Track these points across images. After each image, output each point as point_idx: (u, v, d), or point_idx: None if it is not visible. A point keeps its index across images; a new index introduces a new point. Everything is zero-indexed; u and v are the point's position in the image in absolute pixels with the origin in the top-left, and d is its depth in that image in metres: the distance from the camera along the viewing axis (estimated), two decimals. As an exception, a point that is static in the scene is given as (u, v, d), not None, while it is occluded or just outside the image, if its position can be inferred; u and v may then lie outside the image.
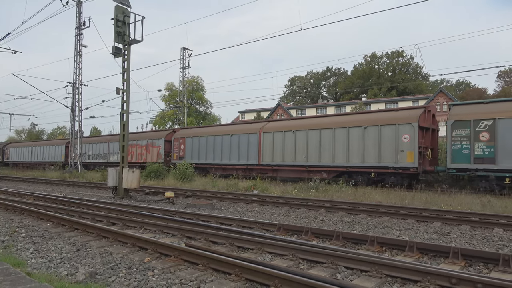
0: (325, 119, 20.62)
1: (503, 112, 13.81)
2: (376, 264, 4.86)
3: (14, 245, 6.48)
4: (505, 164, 13.45)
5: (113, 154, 31.97)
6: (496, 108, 14.30)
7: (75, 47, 31.22)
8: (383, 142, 16.52)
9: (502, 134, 13.67)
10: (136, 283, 4.54)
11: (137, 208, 10.75)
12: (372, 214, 10.06)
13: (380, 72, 72.17)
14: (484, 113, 14.22)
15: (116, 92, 15.01)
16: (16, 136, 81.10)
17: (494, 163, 13.71)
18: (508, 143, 13.51)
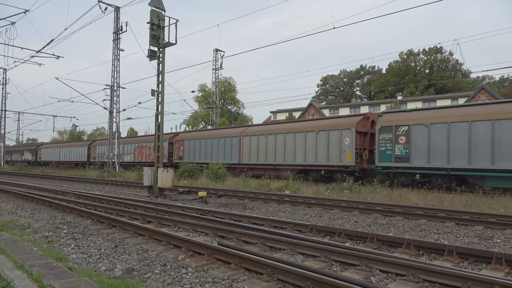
0: (289, 124, 23.75)
1: (415, 119, 16.52)
2: (412, 268, 4.70)
3: (57, 241, 6.82)
4: (416, 162, 16.21)
5: (127, 155, 35.71)
6: (411, 116, 16.94)
7: (113, 51, 32.42)
8: (331, 145, 19.48)
9: (414, 137, 16.34)
10: (170, 280, 4.65)
11: (171, 207, 11.01)
12: (408, 216, 9.74)
13: (417, 69, 69.77)
14: (402, 120, 16.91)
15: (152, 94, 15.44)
16: (59, 136, 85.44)
17: (408, 162, 16.46)
18: (419, 145, 16.17)
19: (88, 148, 41.82)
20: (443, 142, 15.46)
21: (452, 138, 15.28)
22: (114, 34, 32.09)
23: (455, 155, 15.15)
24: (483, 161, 14.43)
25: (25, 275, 4.17)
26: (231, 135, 25.38)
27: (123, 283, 4.13)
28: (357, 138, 18.40)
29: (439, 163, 15.55)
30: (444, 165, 15.35)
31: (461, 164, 14.94)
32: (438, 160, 15.57)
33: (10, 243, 5.85)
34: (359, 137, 18.60)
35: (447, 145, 15.32)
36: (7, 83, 48.21)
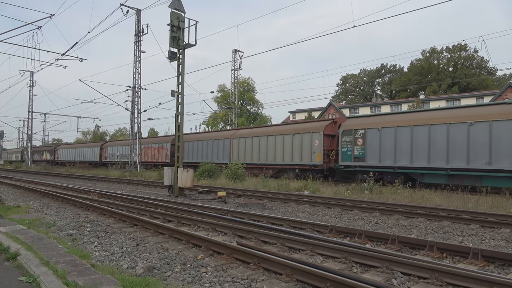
0: (269, 128, 26.69)
1: (370, 124, 18.69)
2: (435, 271, 4.59)
3: (80, 239, 7.00)
4: (370, 162, 18.27)
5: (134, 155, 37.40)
6: (367, 121, 19.20)
7: (134, 53, 33.03)
8: (303, 146, 21.59)
9: (369, 140, 18.37)
10: (190, 279, 4.70)
11: (191, 207, 11.12)
12: (431, 218, 9.52)
13: (440, 67, 68.08)
14: (360, 124, 19.02)
15: (172, 95, 15.64)
16: (82, 137, 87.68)
17: (364, 161, 18.49)
18: (372, 147, 18.20)
19: (100, 149, 44.50)
20: (391, 144, 17.46)
21: (398, 140, 17.22)
22: (135, 36, 32.69)
23: (401, 156, 17.10)
24: (422, 161, 16.35)
25: (50, 271, 4.30)
26: (222, 138, 27.86)
27: (144, 281, 4.19)
28: (325, 140, 20.69)
29: (388, 162, 17.61)
30: (392, 164, 17.42)
31: (405, 163, 16.95)
32: (388, 160, 17.62)
33: (36, 240, 6.04)
34: (327, 140, 20.88)
35: (394, 147, 17.35)
36: (34, 86, 49.81)
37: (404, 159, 16.98)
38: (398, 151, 17.20)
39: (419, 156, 16.45)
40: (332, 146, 20.97)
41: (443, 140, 15.64)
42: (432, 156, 16.03)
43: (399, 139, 17.14)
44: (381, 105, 59.32)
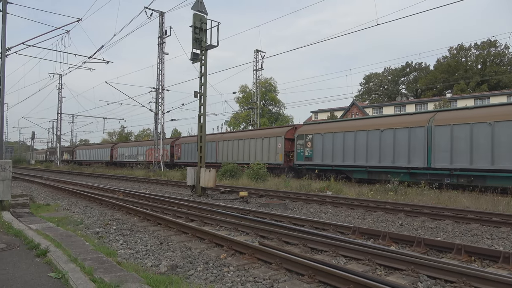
0: (243, 133, 31.40)
1: (316, 130, 22.53)
2: (463, 274, 4.45)
3: (107, 236, 7.18)
4: (316, 161, 22.07)
5: (140, 155, 42.54)
6: (315, 127, 23.21)
7: (158, 55, 33.62)
8: (270, 148, 25.79)
9: (315, 143, 22.17)
10: (212, 278, 4.74)
11: (214, 206, 11.21)
12: (459, 220, 9.23)
13: (468, 65, 65.95)
14: (310, 130, 23.04)
15: (194, 96, 15.81)
16: (108, 137, 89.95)
17: (311, 161, 22.33)
18: (317, 149, 21.98)
19: (111, 150, 49.65)
20: (330, 146, 21.22)
21: (335, 144, 21.01)
22: (159, 39, 33.27)
23: (336, 156, 20.93)
24: (350, 160, 20.14)
25: (78, 268, 4.44)
26: (210, 141, 31.85)
27: (167, 279, 4.26)
28: (286, 143, 24.83)
29: (327, 161, 21.38)
30: (330, 163, 21.25)
31: (339, 162, 20.76)
32: (327, 159, 21.40)
33: (65, 238, 6.24)
34: (288, 143, 24.87)
35: (332, 149, 21.13)
36: (62, 88, 51.48)
37: (338, 159, 20.85)
38: (334, 152, 21.04)
39: (348, 157, 20.26)
40: (291, 148, 24.69)
41: (363, 144, 19.45)
42: (357, 156, 19.77)
43: (335, 142, 21.02)
44: (406, 104, 57.93)
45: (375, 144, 18.79)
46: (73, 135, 71.66)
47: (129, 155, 45.01)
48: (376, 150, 18.74)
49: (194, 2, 15.32)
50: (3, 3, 14.73)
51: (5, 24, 14.70)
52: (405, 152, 17.50)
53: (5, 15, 14.61)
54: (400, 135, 17.80)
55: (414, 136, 17.25)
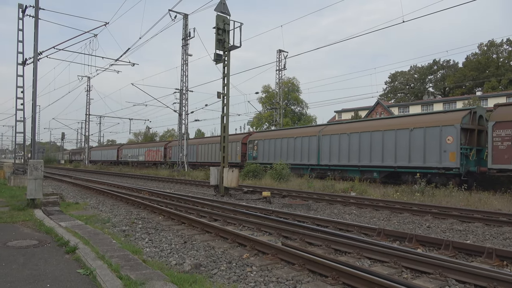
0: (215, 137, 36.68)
1: (261, 137, 29.17)
2: (495, 279, 4.28)
3: (132, 235, 7.34)
4: (259, 160, 27.83)
5: (140, 156, 48.79)
6: (260, 135, 30.13)
7: (182, 56, 34.09)
8: (232, 150, 31.48)
9: (259, 147, 28.64)
10: (235, 277, 4.76)
11: (237, 206, 11.27)
12: (489, 223, 8.90)
13: (500, 61, 63.44)
14: (256, 137, 29.70)
15: (218, 96, 15.95)
16: (134, 138, 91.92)
17: (257, 160, 28.21)
18: (260, 151, 28.42)
19: (117, 151, 56.35)
20: (267, 149, 27.65)
21: (276, 147, 26.96)
22: (183, 41, 33.72)
23: (273, 156, 26.93)
24: (290, 159, 24.97)
25: (105, 265, 4.56)
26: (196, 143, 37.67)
27: (191, 278, 4.31)
28: (243, 146, 31.05)
29: (266, 160, 27.39)
30: (267, 161, 26.98)
31: (273, 160, 25.82)
32: (266, 159, 27.53)
33: (93, 235, 6.42)
34: (244, 146, 31.03)
35: (268, 151, 27.66)
36: (90, 90, 53.07)
37: (273, 159, 26.53)
38: (270, 153, 27.45)
39: (279, 157, 26.07)
40: (244, 150, 31.23)
41: (291, 147, 25.44)
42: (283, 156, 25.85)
43: (272, 146, 27.41)
44: (433, 103, 56.31)
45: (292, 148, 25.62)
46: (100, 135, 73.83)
47: (131, 155, 51.58)
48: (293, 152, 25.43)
49: (217, 4, 15.45)
50: (35, 10, 15.32)
51: (37, 29, 15.29)
52: (306, 153, 24.18)
53: (37, 21, 15.20)
54: (306, 142, 24.29)
55: (312, 142, 23.68)
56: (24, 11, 18.15)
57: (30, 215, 8.60)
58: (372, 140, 19.57)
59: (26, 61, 18.74)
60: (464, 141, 16.12)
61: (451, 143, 16.16)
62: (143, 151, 48.15)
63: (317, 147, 22.97)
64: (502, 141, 14.73)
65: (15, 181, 17.34)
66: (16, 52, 18.26)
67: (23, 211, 9.33)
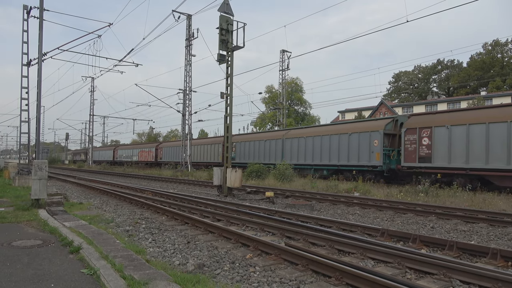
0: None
1: (238, 140, 31.94)
2: (499, 280, 4.26)
3: (136, 235, 7.36)
4: (238, 160, 30.50)
5: (134, 156, 52.64)
6: (237, 138, 32.56)
7: (185, 57, 34.14)
8: (215, 151, 34.84)
9: (237, 148, 31.64)
10: (239, 278, 4.76)
11: (240, 206, 11.27)
12: (494, 224, 8.85)
13: (505, 61, 63.09)
14: (235, 140, 31.25)
15: (221, 97, 15.96)
16: (138, 138, 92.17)
17: (234, 160, 30.00)
18: (238, 152, 31.44)
19: (113, 151, 60.16)
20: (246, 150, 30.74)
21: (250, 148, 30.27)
22: (186, 41, 33.78)
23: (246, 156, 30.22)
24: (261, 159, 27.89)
25: (109, 265, 4.57)
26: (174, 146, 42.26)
27: (195, 278, 4.32)
28: (222, 148, 31.45)
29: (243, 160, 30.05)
30: (247, 161, 28.89)
31: (249, 160, 28.63)
32: (243, 159, 30.45)
33: (96, 235, 6.45)
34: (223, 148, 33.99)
35: (248, 152, 30.58)
36: (94, 91, 53.29)
37: (247, 159, 29.45)
38: (246, 154, 30.56)
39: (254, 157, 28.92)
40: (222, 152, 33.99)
41: (262, 149, 28.54)
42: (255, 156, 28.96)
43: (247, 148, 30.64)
44: (438, 103, 56.08)
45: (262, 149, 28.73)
46: (104, 136, 74.12)
47: (126, 156, 55.31)
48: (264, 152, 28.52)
49: (220, 4, 15.47)
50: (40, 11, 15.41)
51: (42, 30, 15.39)
52: (273, 154, 27.49)
53: (42, 22, 15.29)
54: (273, 144, 27.70)
55: (278, 144, 27.21)
56: (28, 12, 18.26)
57: (34, 215, 8.65)
58: (322, 143, 23.17)
59: (31, 62, 18.85)
60: (387, 144, 19.64)
61: (377, 146, 19.62)
62: (136, 152, 52.22)
63: (281, 149, 26.83)
64: (411, 144, 18.11)
65: (20, 181, 17.44)
66: (21, 53, 18.39)
67: (28, 211, 9.38)
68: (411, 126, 18.36)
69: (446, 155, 16.72)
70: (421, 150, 17.67)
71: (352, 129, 21.58)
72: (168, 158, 43.22)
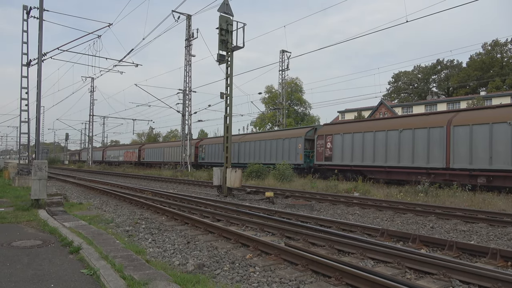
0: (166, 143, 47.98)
1: (207, 142, 37.40)
2: (499, 280, 4.26)
3: (136, 235, 7.36)
4: (207, 160, 35.84)
5: (120, 156, 57.05)
6: (206, 141, 38.94)
7: (185, 57, 34.14)
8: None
9: (206, 150, 36.50)
10: (239, 278, 4.76)
11: (240, 207, 11.27)
12: (493, 224, 8.85)
13: (504, 61, 63.12)
14: (204, 143, 37.70)
15: (221, 97, 15.96)
16: (137, 138, 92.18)
17: (204, 160, 36.47)
18: (206, 153, 36.35)
19: (102, 152, 64.43)
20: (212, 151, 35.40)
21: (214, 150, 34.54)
22: (186, 41, 33.78)
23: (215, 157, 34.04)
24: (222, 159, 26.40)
25: (109, 265, 4.57)
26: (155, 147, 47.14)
27: (194, 278, 4.32)
28: (195, 149, 38.67)
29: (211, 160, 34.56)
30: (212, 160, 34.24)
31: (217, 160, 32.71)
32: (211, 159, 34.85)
33: (96, 236, 6.45)
34: (196, 149, 38.70)
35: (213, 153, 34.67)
36: (94, 91, 53.29)
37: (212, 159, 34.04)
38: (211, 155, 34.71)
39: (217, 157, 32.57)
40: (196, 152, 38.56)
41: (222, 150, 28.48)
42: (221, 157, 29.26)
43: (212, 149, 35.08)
44: (437, 103, 56.08)
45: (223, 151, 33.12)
46: (104, 136, 74.11)
47: (113, 156, 60.07)
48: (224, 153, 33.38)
49: (220, 4, 15.47)
50: (39, 12, 15.41)
51: (42, 31, 15.39)
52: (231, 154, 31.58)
53: (42, 23, 15.28)
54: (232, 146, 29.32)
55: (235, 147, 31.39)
56: (28, 12, 18.27)
57: (34, 215, 8.65)
58: (265, 146, 28.52)
59: (31, 62, 18.85)
60: (307, 147, 25.13)
61: (300, 148, 25.14)
62: (122, 152, 57.74)
63: (237, 151, 31.85)
64: (320, 147, 23.19)
65: (20, 182, 17.43)
66: (20, 53, 18.39)
67: (28, 211, 9.38)
68: (321, 133, 23.35)
69: (340, 156, 21.92)
70: (326, 152, 22.76)
71: (285, 135, 27.36)
72: (150, 158, 48.21)
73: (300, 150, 25.07)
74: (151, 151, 48.29)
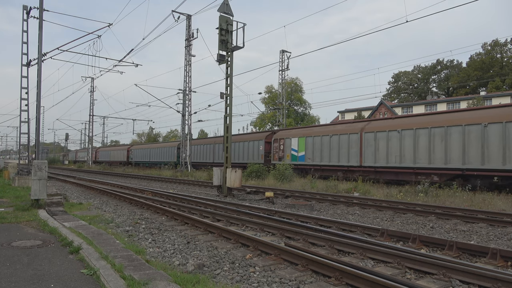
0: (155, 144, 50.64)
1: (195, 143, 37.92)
2: (499, 280, 4.26)
3: (136, 235, 7.36)
4: (193, 160, 35.85)
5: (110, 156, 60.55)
6: (194, 142, 38.28)
7: (185, 57, 34.11)
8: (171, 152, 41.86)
9: (193, 151, 36.53)
10: (239, 278, 4.76)
11: (239, 207, 11.27)
12: (493, 224, 8.85)
13: (504, 61, 63.11)
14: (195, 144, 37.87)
15: (221, 97, 15.96)
16: (137, 138, 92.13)
17: (192, 160, 35.63)
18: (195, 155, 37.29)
19: (95, 152, 65.94)
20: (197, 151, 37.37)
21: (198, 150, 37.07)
22: (186, 41, 33.76)
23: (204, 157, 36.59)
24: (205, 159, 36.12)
25: (109, 265, 4.57)
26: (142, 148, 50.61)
27: (194, 278, 4.32)
28: (177, 150, 39.65)
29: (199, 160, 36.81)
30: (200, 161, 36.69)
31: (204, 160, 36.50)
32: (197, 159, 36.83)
33: (96, 236, 6.45)
34: (178, 150, 39.05)
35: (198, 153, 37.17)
36: (94, 91, 53.28)
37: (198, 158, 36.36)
38: (197, 155, 36.80)
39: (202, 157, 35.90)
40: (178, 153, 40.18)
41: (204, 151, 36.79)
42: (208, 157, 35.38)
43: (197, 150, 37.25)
44: (437, 103, 56.07)
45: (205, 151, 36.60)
46: (104, 136, 74.10)
47: (104, 156, 63.62)
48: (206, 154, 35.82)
49: (220, 4, 15.47)
50: (39, 12, 15.40)
51: (42, 31, 15.37)
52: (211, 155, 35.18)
53: (42, 22, 15.28)
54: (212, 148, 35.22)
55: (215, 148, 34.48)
56: (28, 12, 18.26)
57: (34, 216, 8.65)
58: (239, 148, 31.40)
59: (31, 62, 18.85)
60: (267, 149, 28.65)
61: (261, 149, 28.95)
62: (110, 153, 62.29)
63: (212, 152, 35.23)
64: (275, 149, 27.08)
65: (20, 182, 17.43)
66: (20, 54, 18.39)
67: (27, 211, 9.38)
68: (276, 137, 27.41)
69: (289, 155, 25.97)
70: (279, 153, 26.75)
71: (250, 138, 31.25)
72: (137, 158, 51.84)
73: (261, 151, 29.10)
74: (138, 152, 52.22)
